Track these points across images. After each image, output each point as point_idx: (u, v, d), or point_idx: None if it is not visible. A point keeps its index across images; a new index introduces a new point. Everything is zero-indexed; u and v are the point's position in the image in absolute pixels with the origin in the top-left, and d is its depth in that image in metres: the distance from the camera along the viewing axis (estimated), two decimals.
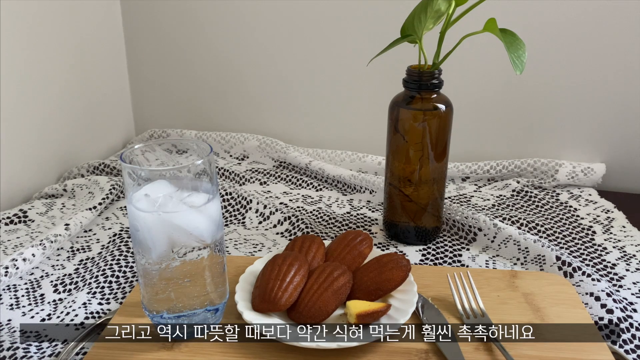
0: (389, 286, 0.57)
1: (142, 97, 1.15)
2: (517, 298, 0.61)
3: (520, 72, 0.59)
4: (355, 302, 0.55)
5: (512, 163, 0.95)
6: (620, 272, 0.68)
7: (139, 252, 0.51)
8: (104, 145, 1.08)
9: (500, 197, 0.89)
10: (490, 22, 0.61)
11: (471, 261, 0.71)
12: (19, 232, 0.78)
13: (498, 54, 0.81)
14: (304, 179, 0.95)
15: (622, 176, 0.95)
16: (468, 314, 0.58)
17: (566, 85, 0.94)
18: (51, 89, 0.92)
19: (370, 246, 0.63)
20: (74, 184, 0.89)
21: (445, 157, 0.71)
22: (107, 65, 1.07)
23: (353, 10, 0.98)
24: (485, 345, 0.53)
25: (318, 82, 1.04)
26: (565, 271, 0.66)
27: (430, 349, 0.53)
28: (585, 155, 0.96)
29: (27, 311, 0.61)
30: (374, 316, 0.53)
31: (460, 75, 0.93)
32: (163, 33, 1.09)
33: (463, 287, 0.61)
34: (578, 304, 0.60)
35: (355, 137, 1.05)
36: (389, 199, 0.75)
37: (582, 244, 0.75)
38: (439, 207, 0.74)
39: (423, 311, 0.58)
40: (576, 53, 0.91)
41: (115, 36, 1.09)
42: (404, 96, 0.69)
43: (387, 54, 0.69)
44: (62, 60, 0.94)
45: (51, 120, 0.93)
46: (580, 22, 0.90)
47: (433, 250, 0.73)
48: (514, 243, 0.71)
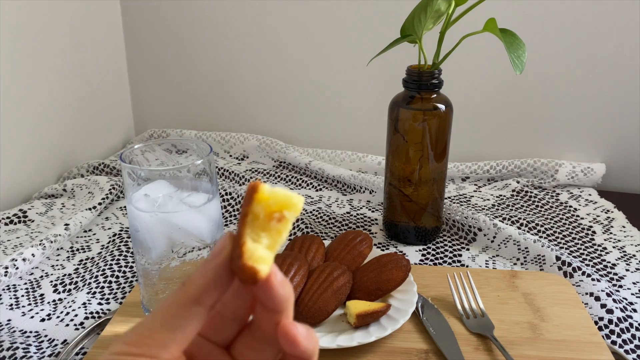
0: (389, 286, 0.57)
1: (141, 97, 1.15)
2: (517, 298, 0.61)
3: (520, 72, 0.59)
4: (355, 302, 0.55)
5: (512, 163, 0.95)
6: (620, 272, 0.68)
7: (139, 252, 0.51)
8: (104, 145, 1.08)
9: (500, 197, 0.89)
10: (490, 22, 0.61)
11: (471, 261, 0.71)
12: (19, 232, 0.78)
13: (498, 54, 0.81)
14: (304, 179, 0.95)
15: (622, 176, 0.95)
16: (468, 314, 0.58)
17: (566, 85, 0.94)
18: (51, 89, 0.92)
19: (370, 246, 0.63)
20: (73, 184, 0.89)
21: (445, 157, 0.71)
22: (107, 65, 1.07)
23: (353, 10, 0.98)
24: (485, 345, 0.53)
25: (318, 82, 1.04)
26: (565, 271, 0.66)
27: (430, 349, 0.53)
28: (585, 155, 0.96)
29: (27, 311, 0.61)
30: (373, 316, 0.53)
31: (460, 75, 0.93)
32: (163, 33, 1.08)
33: (463, 287, 0.61)
34: (578, 304, 0.60)
35: (355, 137, 1.05)
36: (389, 199, 0.75)
37: (582, 244, 0.75)
38: (439, 207, 0.74)
39: (423, 311, 0.58)
40: (576, 53, 0.91)
41: (114, 36, 1.09)
42: (404, 96, 0.69)
43: (387, 54, 0.69)
44: (61, 60, 0.94)
45: (51, 120, 0.93)
46: (580, 22, 0.90)
47: (433, 251, 0.73)
48: (513, 243, 0.71)
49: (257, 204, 0.25)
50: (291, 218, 0.26)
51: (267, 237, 0.26)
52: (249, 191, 0.26)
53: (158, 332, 0.25)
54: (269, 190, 0.26)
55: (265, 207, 0.25)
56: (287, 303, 0.26)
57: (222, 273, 0.26)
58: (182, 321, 0.25)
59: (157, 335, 0.25)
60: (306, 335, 0.27)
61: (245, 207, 0.26)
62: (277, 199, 0.26)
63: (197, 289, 0.25)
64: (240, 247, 0.25)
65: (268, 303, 0.26)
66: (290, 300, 0.27)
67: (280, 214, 0.26)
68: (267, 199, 0.26)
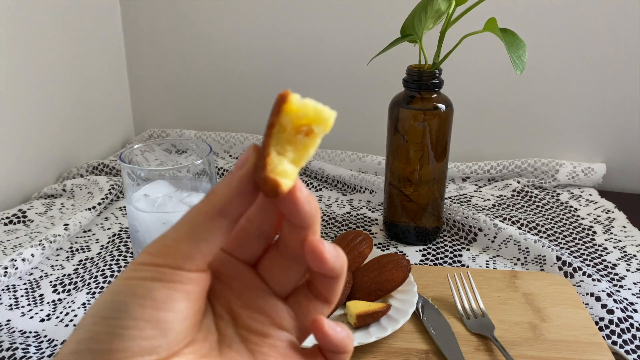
0: (389, 286, 0.57)
1: (141, 97, 1.15)
2: (517, 298, 0.61)
3: (521, 71, 0.59)
4: (355, 302, 0.55)
5: (512, 163, 0.95)
6: (620, 272, 0.68)
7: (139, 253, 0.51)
8: (103, 145, 1.08)
9: (500, 197, 0.88)
10: (490, 22, 0.61)
11: (471, 261, 0.71)
12: (18, 232, 0.78)
13: (498, 54, 0.81)
14: (304, 179, 0.95)
15: (623, 176, 0.95)
16: (468, 314, 0.57)
17: (567, 85, 0.93)
18: (50, 88, 0.92)
19: (370, 246, 0.62)
20: (73, 184, 0.89)
21: (445, 157, 0.70)
22: (107, 65, 1.07)
23: (353, 9, 0.98)
24: (486, 346, 0.53)
25: (317, 82, 1.04)
26: (566, 271, 0.66)
27: (431, 349, 0.53)
28: (586, 155, 0.96)
29: (27, 311, 0.61)
30: (374, 317, 0.53)
31: (461, 75, 0.93)
32: (162, 32, 1.08)
33: (463, 287, 0.61)
34: (578, 304, 0.60)
35: (355, 137, 1.05)
36: (389, 199, 0.74)
37: (583, 244, 0.75)
38: (439, 207, 0.73)
39: (423, 311, 0.58)
40: (576, 53, 0.91)
41: (114, 35, 1.09)
42: (404, 96, 0.69)
43: (387, 54, 0.69)
44: (61, 59, 0.94)
45: (50, 119, 0.93)
46: (580, 21, 0.89)
47: (433, 251, 0.73)
48: (514, 243, 0.71)
49: (285, 115, 0.24)
50: (320, 133, 0.25)
51: (292, 150, 0.24)
52: (277, 101, 0.24)
53: (182, 242, 0.24)
54: (299, 101, 0.24)
55: (293, 119, 0.24)
56: (313, 219, 0.26)
57: (246, 185, 0.25)
58: (207, 233, 0.24)
59: (181, 246, 0.24)
60: (333, 252, 0.26)
61: (273, 117, 0.24)
62: (306, 111, 0.24)
63: (221, 199, 0.25)
64: (264, 159, 0.24)
65: (293, 219, 0.25)
66: (316, 216, 0.26)
67: (308, 127, 0.24)
68: (296, 111, 0.24)
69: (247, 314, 0.27)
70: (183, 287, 0.24)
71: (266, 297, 0.28)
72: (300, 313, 0.28)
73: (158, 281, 0.24)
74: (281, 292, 0.28)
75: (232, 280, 0.28)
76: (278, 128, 0.24)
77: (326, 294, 0.28)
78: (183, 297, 0.24)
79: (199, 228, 0.25)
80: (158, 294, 0.24)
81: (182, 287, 0.24)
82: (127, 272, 0.24)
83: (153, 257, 0.24)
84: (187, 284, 0.24)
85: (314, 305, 0.28)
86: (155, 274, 0.24)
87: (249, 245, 0.28)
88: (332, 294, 0.28)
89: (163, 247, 0.25)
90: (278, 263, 0.28)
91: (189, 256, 0.24)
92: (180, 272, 0.24)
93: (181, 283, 0.24)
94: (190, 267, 0.24)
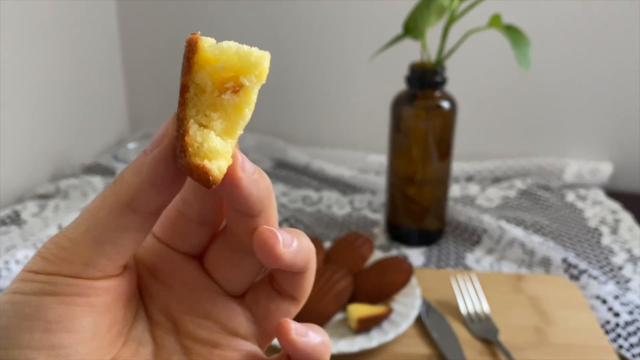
0: (391, 290, 0.56)
1: (136, 95, 1.14)
2: (522, 301, 0.60)
3: (526, 69, 0.58)
4: (357, 306, 0.54)
5: (517, 162, 0.94)
6: (627, 275, 0.67)
7: None
8: (98, 144, 1.07)
9: (505, 198, 0.87)
10: (494, 18, 0.60)
11: (476, 264, 0.70)
12: (11, 234, 0.76)
13: (503, 51, 0.79)
14: (304, 179, 0.94)
15: (630, 177, 0.94)
16: (472, 318, 0.56)
17: (573, 82, 0.93)
18: (43, 87, 0.91)
19: (371, 248, 0.62)
20: (67, 185, 0.88)
21: (449, 157, 0.69)
22: (101, 62, 1.06)
23: (355, 5, 0.97)
24: (490, 350, 0.52)
25: (318, 79, 1.03)
26: (572, 273, 0.65)
27: (434, 354, 0.52)
28: (593, 154, 0.95)
29: None
30: (375, 320, 0.53)
31: (465, 72, 0.92)
32: (158, 29, 1.08)
33: (467, 290, 0.60)
34: (584, 307, 0.59)
35: (356, 136, 1.04)
36: (391, 200, 0.73)
37: (589, 246, 0.74)
38: (443, 208, 0.72)
39: (426, 315, 0.57)
40: (583, 49, 0.90)
41: (109, 32, 1.08)
42: (407, 94, 0.68)
43: (390, 51, 0.68)
44: (54, 57, 0.93)
45: (43, 118, 0.92)
46: (587, 17, 0.89)
47: (436, 253, 0.72)
48: (519, 245, 0.70)
49: (200, 70, 0.18)
50: (253, 85, 0.19)
51: (220, 118, 0.18)
52: (185, 53, 0.18)
53: (81, 244, 0.19)
54: (214, 47, 0.18)
55: (211, 73, 0.18)
56: (264, 204, 0.20)
57: (162, 169, 0.19)
58: (112, 232, 0.19)
59: (80, 248, 0.19)
60: (292, 246, 0.21)
61: (184, 77, 0.18)
62: (228, 59, 0.18)
63: (128, 190, 0.19)
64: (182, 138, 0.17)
65: (238, 205, 0.20)
66: (267, 199, 0.20)
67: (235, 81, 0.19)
68: (213, 61, 0.18)
69: (190, 319, 0.22)
70: (85, 300, 0.19)
71: (214, 298, 0.23)
72: (260, 315, 0.23)
73: (50, 295, 0.19)
74: (234, 291, 0.23)
75: (171, 278, 0.23)
76: (194, 90, 0.18)
77: (291, 291, 0.23)
78: (86, 312, 0.19)
79: (101, 226, 0.19)
80: (50, 313, 0.19)
81: (83, 300, 0.19)
82: (13, 284, 0.19)
83: (46, 262, 0.19)
84: (91, 296, 0.20)
85: (277, 304, 0.23)
86: (46, 287, 0.19)
87: (190, 234, 0.23)
88: (299, 290, 0.23)
89: (58, 250, 0.19)
90: (227, 257, 0.23)
91: (89, 261, 0.19)
92: (78, 282, 0.19)
93: (81, 296, 0.19)
94: (92, 275, 0.19)
